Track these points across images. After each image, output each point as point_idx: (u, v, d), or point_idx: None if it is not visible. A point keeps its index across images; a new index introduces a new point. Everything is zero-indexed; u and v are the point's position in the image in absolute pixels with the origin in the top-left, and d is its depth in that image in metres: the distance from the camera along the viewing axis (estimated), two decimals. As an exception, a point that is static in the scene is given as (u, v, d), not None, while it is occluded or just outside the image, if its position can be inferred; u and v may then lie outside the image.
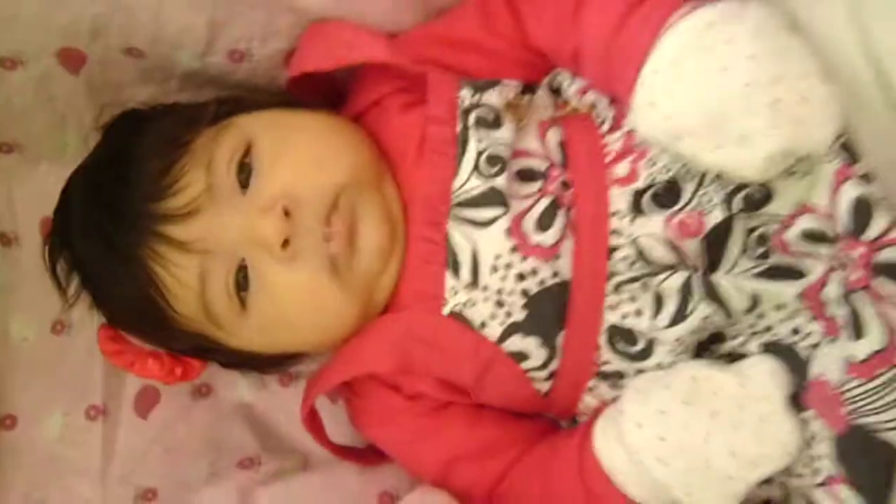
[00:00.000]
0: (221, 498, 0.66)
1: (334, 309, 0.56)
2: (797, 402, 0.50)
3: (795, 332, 0.51)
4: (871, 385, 0.47)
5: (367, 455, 0.66)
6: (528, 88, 0.59)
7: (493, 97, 0.56)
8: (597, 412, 0.57)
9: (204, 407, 0.72)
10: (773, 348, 0.52)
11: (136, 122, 0.61)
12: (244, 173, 0.55)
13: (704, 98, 0.47)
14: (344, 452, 0.65)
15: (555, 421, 0.62)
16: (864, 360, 0.47)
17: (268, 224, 0.52)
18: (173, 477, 0.69)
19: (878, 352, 0.47)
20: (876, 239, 0.46)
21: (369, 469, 0.67)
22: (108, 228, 0.56)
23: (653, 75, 0.48)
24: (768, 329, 0.52)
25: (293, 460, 0.71)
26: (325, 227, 0.54)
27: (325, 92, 0.65)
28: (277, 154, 0.55)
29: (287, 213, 0.52)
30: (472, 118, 0.55)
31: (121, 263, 0.56)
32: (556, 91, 0.60)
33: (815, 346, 0.50)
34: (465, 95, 0.56)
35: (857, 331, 0.47)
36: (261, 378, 0.72)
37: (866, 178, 0.48)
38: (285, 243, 0.52)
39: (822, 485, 0.50)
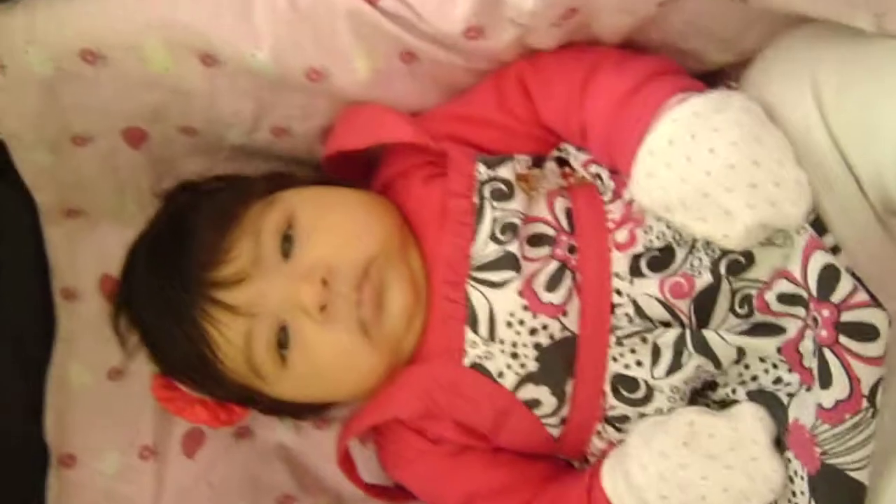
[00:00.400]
0: (262, 532, 0.70)
1: (364, 365, 0.61)
2: (781, 443, 0.55)
3: (777, 381, 0.57)
4: (838, 429, 0.52)
5: (396, 494, 0.71)
6: (538, 160, 0.65)
7: (505, 171, 0.62)
8: (604, 454, 0.62)
9: (245, 448, 0.76)
10: (758, 395, 0.57)
11: (193, 196, 0.68)
12: (287, 243, 0.61)
13: (694, 175, 0.52)
14: (375, 491, 0.70)
15: (567, 463, 0.67)
16: (831, 408, 0.52)
17: (308, 292, 0.58)
18: None
19: (842, 401, 0.51)
20: (840, 302, 0.52)
21: None
22: (167, 292, 0.62)
23: (650, 155, 0.55)
24: (754, 378, 0.58)
25: (327, 499, 0.75)
26: (357, 294, 0.60)
27: (356, 163, 0.70)
28: (315, 228, 0.61)
29: (324, 282, 0.59)
30: (487, 190, 0.61)
31: (177, 323, 0.62)
32: (563, 162, 0.65)
33: (793, 394, 0.55)
34: (482, 170, 0.62)
35: (825, 381, 0.52)
36: (297, 422, 0.76)
37: (834, 249, 0.53)
38: (323, 308, 0.59)
39: None
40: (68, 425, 0.72)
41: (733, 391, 0.59)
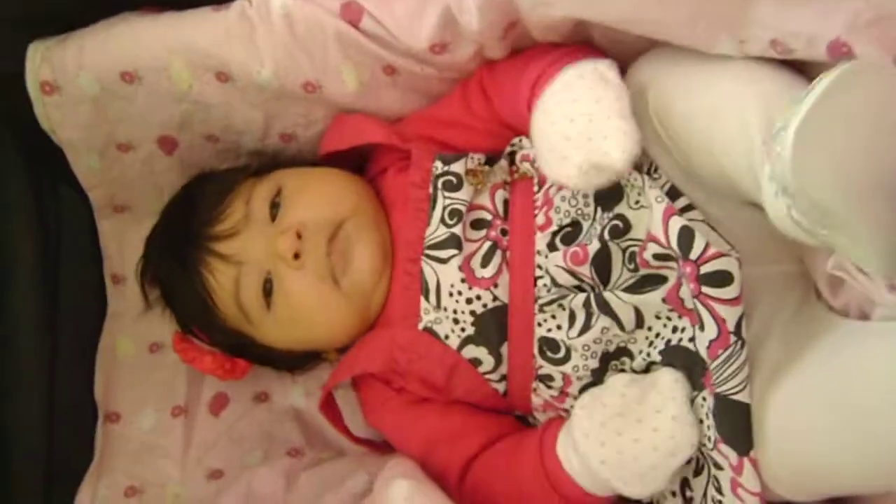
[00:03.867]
0: (271, 476, 0.77)
1: (334, 309, 0.71)
2: (699, 383, 0.63)
3: (675, 329, 0.64)
4: (716, 363, 0.59)
5: (378, 445, 0.79)
6: (492, 159, 0.74)
7: (457, 167, 0.71)
8: (545, 408, 0.70)
9: (263, 409, 0.85)
10: (670, 351, 0.64)
11: (202, 178, 0.80)
12: (275, 209, 0.72)
13: (548, 130, 0.63)
14: (357, 440, 0.79)
15: (520, 419, 0.74)
16: (707, 347, 0.60)
17: (284, 241, 0.69)
18: (235, 461, 0.81)
19: (714, 340, 0.59)
20: (697, 258, 0.59)
21: (386, 455, 0.78)
22: (176, 247, 0.74)
23: (535, 113, 0.66)
24: (658, 335, 0.65)
25: (330, 452, 0.83)
26: (328, 245, 0.70)
27: (348, 164, 0.80)
28: (297, 195, 0.72)
29: (299, 236, 0.69)
30: (440, 182, 0.71)
31: (184, 271, 0.73)
32: (513, 160, 0.74)
33: (692, 338, 0.63)
34: (438, 166, 0.71)
35: (701, 327, 0.60)
36: (308, 388, 0.86)
37: (686, 208, 0.62)
38: (296, 256, 0.69)
39: (713, 448, 0.61)
40: (114, 388, 0.82)
41: (648, 354, 0.66)
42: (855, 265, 0.56)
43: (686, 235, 0.60)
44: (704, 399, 0.62)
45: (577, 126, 0.61)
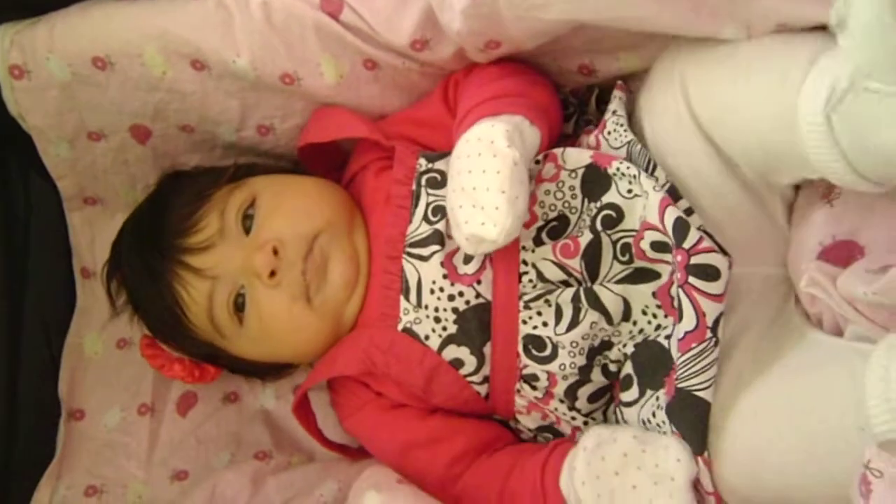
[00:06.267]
0: (237, 480, 0.76)
1: (306, 328, 0.70)
2: (660, 382, 0.61)
3: (657, 328, 0.63)
4: (687, 356, 0.58)
5: (352, 451, 0.77)
6: None
7: (441, 164, 0.69)
8: (528, 410, 0.68)
9: (232, 410, 0.83)
10: (644, 345, 0.63)
11: (176, 180, 0.77)
12: (248, 221, 0.70)
13: (450, 197, 0.63)
14: (329, 443, 0.77)
15: (500, 424, 0.72)
16: (682, 338, 0.58)
17: (260, 258, 0.67)
18: (201, 462, 0.80)
19: (689, 331, 0.58)
20: (690, 248, 0.58)
21: (358, 462, 0.77)
22: (146, 257, 0.71)
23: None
24: (641, 331, 0.64)
25: (299, 457, 0.81)
26: (303, 263, 0.68)
27: (330, 158, 0.79)
28: (272, 207, 0.70)
29: (275, 252, 0.67)
30: (424, 179, 0.69)
31: (154, 283, 0.71)
32: None
33: (669, 336, 0.61)
34: (422, 163, 0.70)
35: (679, 316, 0.59)
36: (277, 391, 0.84)
37: (688, 211, 0.60)
38: (272, 274, 0.67)
39: None
40: (80, 386, 0.81)
41: (624, 346, 0.64)
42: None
43: (681, 225, 0.59)
44: (658, 399, 0.61)
45: (466, 196, 0.61)
